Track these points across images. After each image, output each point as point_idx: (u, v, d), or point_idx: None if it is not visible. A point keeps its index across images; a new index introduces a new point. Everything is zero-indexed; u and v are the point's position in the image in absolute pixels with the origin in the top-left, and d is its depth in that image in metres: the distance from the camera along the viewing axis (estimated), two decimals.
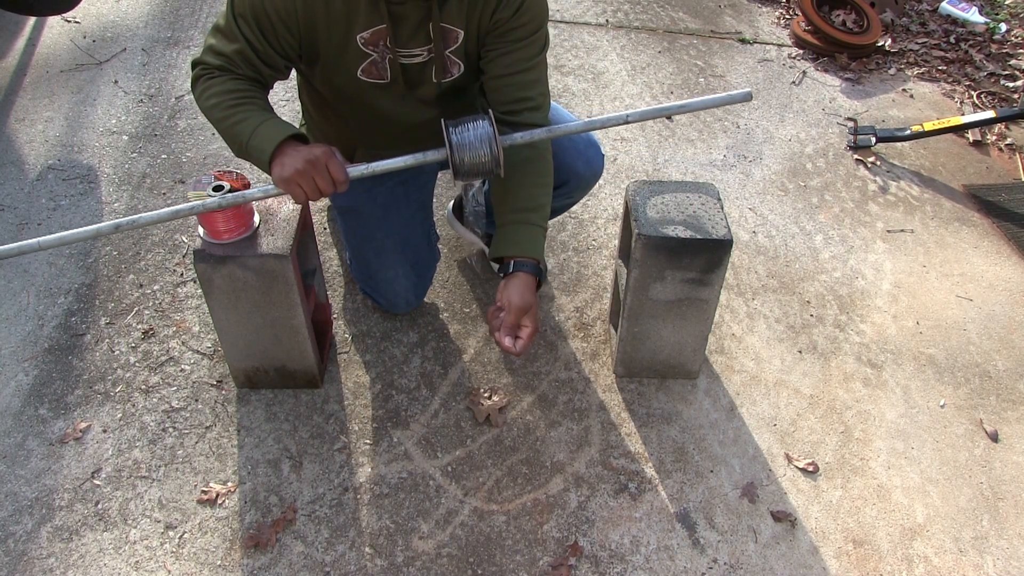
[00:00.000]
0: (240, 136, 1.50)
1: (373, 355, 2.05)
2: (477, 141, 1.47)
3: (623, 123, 1.55)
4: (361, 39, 1.55)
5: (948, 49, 3.53)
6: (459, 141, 1.47)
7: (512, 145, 1.55)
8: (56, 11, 3.02)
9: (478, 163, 1.48)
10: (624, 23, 3.51)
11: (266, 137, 1.47)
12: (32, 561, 1.63)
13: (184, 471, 1.79)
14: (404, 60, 1.61)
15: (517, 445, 1.88)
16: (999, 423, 2.01)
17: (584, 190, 2.03)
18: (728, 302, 2.27)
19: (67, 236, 1.48)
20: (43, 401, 1.91)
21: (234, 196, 1.54)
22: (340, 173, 1.47)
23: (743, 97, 1.52)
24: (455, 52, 1.63)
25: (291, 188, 1.47)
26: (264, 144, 1.47)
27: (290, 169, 1.44)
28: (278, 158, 1.47)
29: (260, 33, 1.51)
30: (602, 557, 1.69)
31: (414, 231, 1.94)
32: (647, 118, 1.60)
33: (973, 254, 2.51)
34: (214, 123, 1.55)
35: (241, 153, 1.53)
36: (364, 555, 1.67)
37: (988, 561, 1.74)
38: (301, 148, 1.47)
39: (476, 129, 1.47)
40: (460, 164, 1.48)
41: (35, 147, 2.64)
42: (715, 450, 1.90)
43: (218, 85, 1.53)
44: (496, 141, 1.47)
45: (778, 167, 2.80)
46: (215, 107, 1.52)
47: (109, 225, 1.48)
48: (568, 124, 1.58)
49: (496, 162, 1.48)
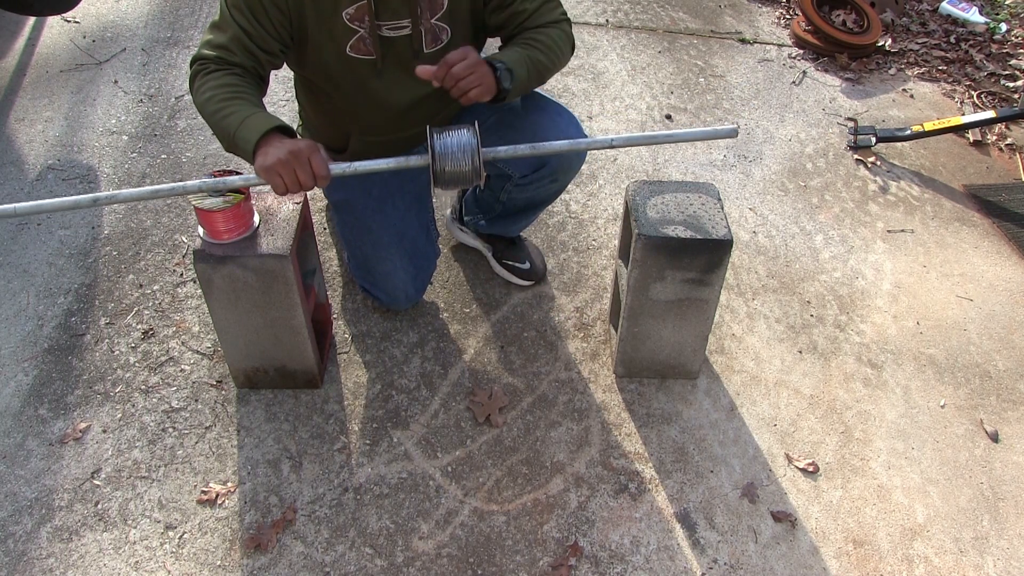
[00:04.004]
0: (229, 128, 1.51)
1: (373, 355, 2.05)
2: (460, 151, 1.48)
3: (608, 147, 1.57)
4: (347, 15, 1.59)
5: (948, 49, 3.53)
6: (442, 150, 1.48)
7: (495, 159, 1.56)
8: (56, 11, 3.02)
9: (459, 172, 1.49)
10: (624, 23, 3.51)
11: (252, 128, 1.49)
12: (32, 561, 1.63)
13: (184, 471, 1.79)
14: (390, 33, 1.63)
15: (517, 445, 1.88)
16: (999, 423, 2.01)
17: (568, 171, 1.95)
18: (728, 302, 2.27)
19: (44, 204, 1.48)
20: (43, 401, 1.91)
21: (215, 181, 1.55)
22: (322, 168, 1.48)
23: (728, 133, 1.56)
24: (441, 19, 1.65)
25: (272, 178, 1.47)
26: (249, 135, 1.48)
27: (272, 159, 1.45)
28: (262, 148, 1.48)
29: (253, 17, 1.55)
30: (602, 557, 1.69)
31: (410, 222, 1.94)
32: (632, 144, 1.62)
33: (973, 254, 2.51)
34: (206, 117, 1.56)
35: (230, 146, 1.55)
36: (364, 555, 1.67)
37: (988, 561, 1.74)
38: (286, 140, 1.49)
39: (460, 139, 1.48)
40: (441, 173, 1.49)
41: (35, 147, 2.64)
42: (715, 450, 1.90)
43: (212, 80, 1.55)
44: (479, 153, 1.48)
45: (778, 167, 2.80)
46: (208, 101, 1.54)
47: (88, 198, 1.48)
48: (552, 144, 1.60)
49: (477, 173, 1.49)
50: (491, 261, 2.27)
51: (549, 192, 2.00)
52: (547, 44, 1.69)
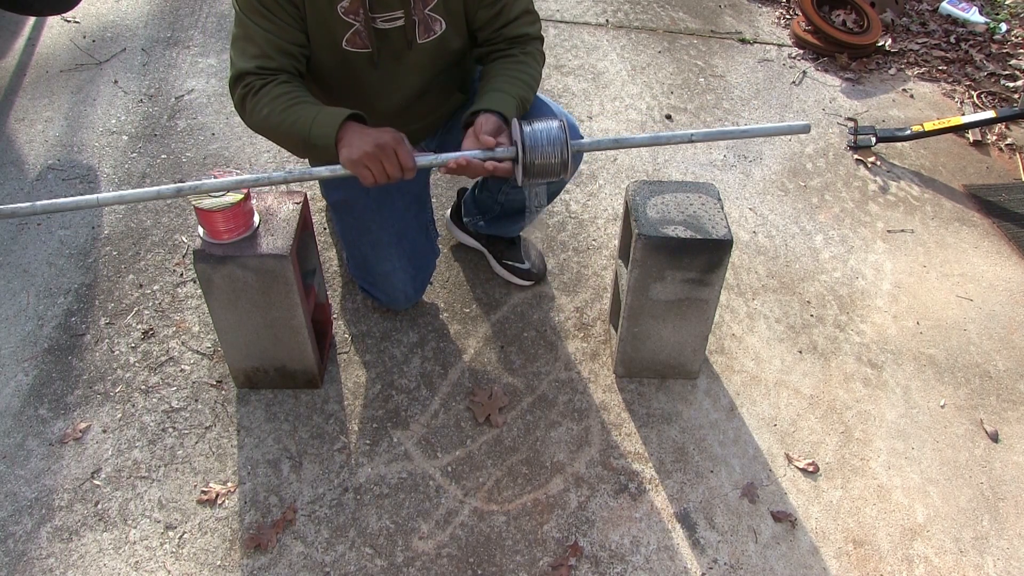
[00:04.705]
0: (301, 131, 1.51)
1: (373, 355, 2.05)
2: (549, 144, 1.47)
3: (687, 142, 1.56)
4: (341, 8, 1.58)
5: (948, 49, 3.52)
6: (532, 143, 1.47)
7: (579, 151, 1.56)
8: (56, 11, 3.02)
9: (548, 165, 1.49)
10: (624, 23, 3.51)
11: (326, 123, 1.49)
12: (32, 561, 1.63)
13: (184, 471, 1.79)
14: (384, 25, 1.63)
15: (517, 445, 1.88)
16: (999, 423, 2.01)
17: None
18: (728, 302, 2.27)
19: (127, 195, 1.46)
20: (43, 401, 1.91)
21: (301, 171, 1.52)
22: (408, 160, 1.48)
23: (801, 128, 1.56)
24: (435, 9, 1.65)
25: (360, 171, 1.48)
26: (327, 129, 1.48)
27: (358, 151, 1.46)
28: (344, 139, 1.48)
29: (272, 15, 1.55)
30: (602, 557, 1.69)
31: (409, 223, 1.94)
32: (709, 139, 1.63)
33: (973, 254, 2.51)
34: (270, 131, 1.56)
35: (306, 149, 1.54)
36: (364, 555, 1.67)
37: (988, 561, 1.74)
38: (369, 130, 1.49)
39: (549, 132, 1.48)
40: (531, 165, 1.49)
41: (35, 147, 2.64)
42: (715, 450, 1.90)
43: (265, 96, 1.54)
44: (567, 146, 1.48)
45: (778, 167, 2.80)
46: (269, 116, 1.54)
47: (171, 188, 1.46)
48: (635, 137, 1.60)
49: (565, 166, 1.49)
50: (491, 261, 2.27)
51: (550, 192, 2.00)
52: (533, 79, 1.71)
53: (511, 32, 1.72)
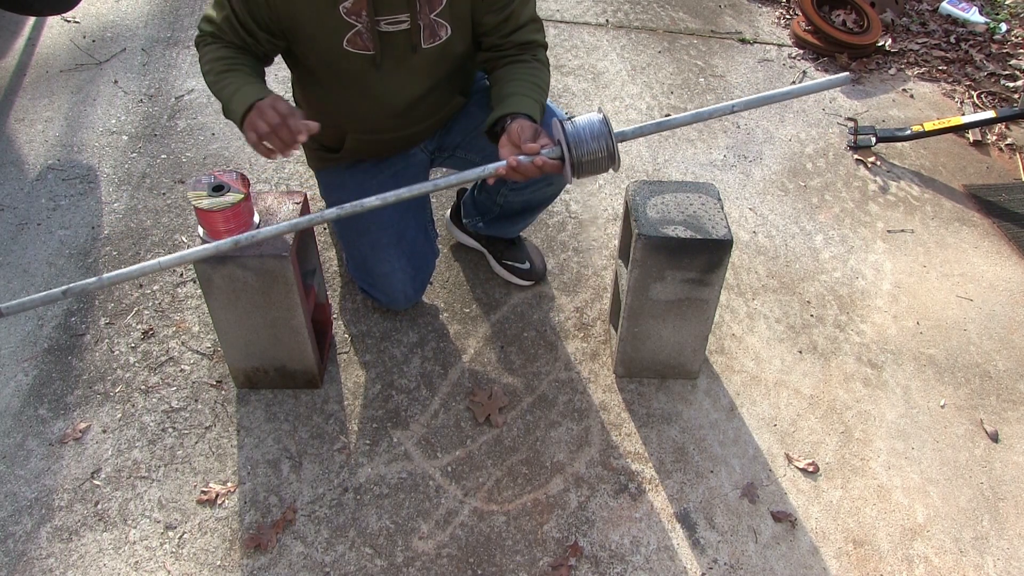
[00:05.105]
0: (224, 98, 1.59)
1: (373, 355, 2.05)
2: (593, 139, 1.46)
3: (730, 112, 1.52)
4: (344, 8, 1.59)
5: (948, 49, 3.52)
6: (575, 140, 1.46)
7: (623, 139, 1.54)
8: (56, 11, 3.02)
9: (595, 160, 1.48)
10: (624, 23, 3.51)
11: (240, 101, 1.54)
12: (32, 561, 1.63)
13: (184, 471, 1.79)
14: (388, 28, 1.63)
15: (517, 445, 1.88)
16: (999, 423, 2.01)
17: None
18: (728, 302, 2.27)
19: (187, 255, 1.49)
20: (43, 401, 1.91)
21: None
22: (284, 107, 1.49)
23: (842, 81, 1.52)
24: (440, 14, 1.64)
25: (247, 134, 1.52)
26: (238, 107, 1.54)
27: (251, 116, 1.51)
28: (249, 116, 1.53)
29: (243, 2, 1.59)
30: (602, 557, 1.69)
31: (408, 223, 1.94)
32: (751, 107, 1.57)
33: (973, 254, 2.51)
34: (209, 87, 1.64)
35: (226, 114, 1.61)
36: (364, 555, 1.67)
37: (988, 561, 1.74)
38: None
39: (592, 127, 1.47)
40: (579, 164, 1.48)
41: (35, 147, 2.64)
42: (715, 450, 1.90)
43: (210, 52, 1.64)
44: (612, 138, 1.46)
45: (778, 167, 2.80)
46: (207, 73, 1.64)
47: (228, 242, 1.50)
48: (678, 117, 1.55)
49: (612, 158, 1.48)
50: (491, 261, 2.27)
51: (545, 195, 2.01)
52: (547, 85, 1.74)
53: (520, 38, 1.73)
